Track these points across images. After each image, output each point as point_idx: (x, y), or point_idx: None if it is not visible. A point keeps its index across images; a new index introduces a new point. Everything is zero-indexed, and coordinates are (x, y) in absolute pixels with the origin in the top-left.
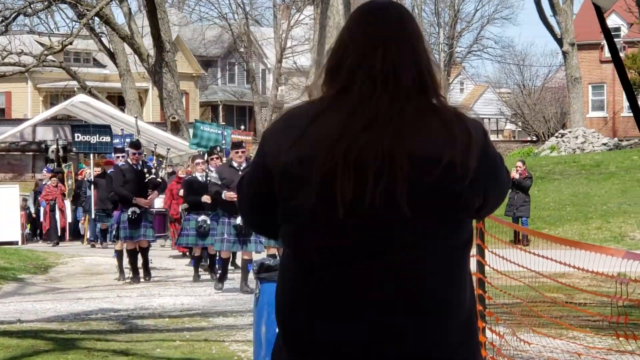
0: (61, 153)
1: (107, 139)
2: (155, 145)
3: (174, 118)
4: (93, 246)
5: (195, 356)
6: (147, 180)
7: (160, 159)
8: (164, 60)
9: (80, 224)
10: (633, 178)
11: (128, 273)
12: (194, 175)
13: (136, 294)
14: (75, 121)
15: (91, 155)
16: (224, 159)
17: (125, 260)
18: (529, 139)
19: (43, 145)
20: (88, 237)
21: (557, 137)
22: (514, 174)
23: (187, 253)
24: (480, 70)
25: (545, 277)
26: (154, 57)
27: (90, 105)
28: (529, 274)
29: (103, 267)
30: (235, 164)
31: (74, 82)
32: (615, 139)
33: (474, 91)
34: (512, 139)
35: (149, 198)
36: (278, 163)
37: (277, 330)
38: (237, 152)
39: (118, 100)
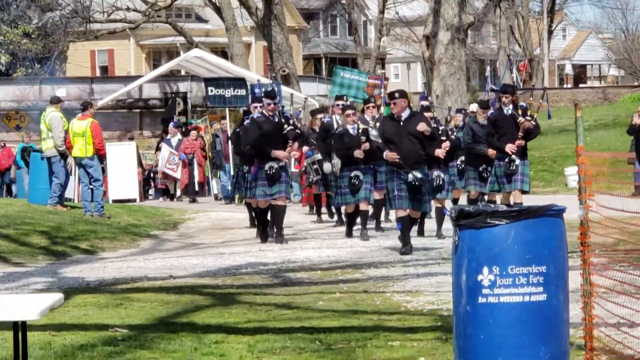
0: (181, 107)
1: (242, 92)
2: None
3: (284, 71)
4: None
5: (360, 308)
6: (285, 131)
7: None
8: (273, 13)
9: (211, 180)
10: None
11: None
12: (344, 127)
13: (278, 247)
14: (180, 77)
15: (227, 110)
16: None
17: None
18: (635, 83)
19: (154, 102)
20: (218, 193)
21: None
22: (636, 119)
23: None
24: (581, 16)
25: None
26: (263, 10)
27: (205, 60)
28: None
29: (231, 221)
30: (395, 116)
31: (177, 38)
32: None
33: (576, 37)
34: (616, 85)
35: (287, 151)
36: None
37: (478, 277)
38: (390, 104)
39: (221, 55)
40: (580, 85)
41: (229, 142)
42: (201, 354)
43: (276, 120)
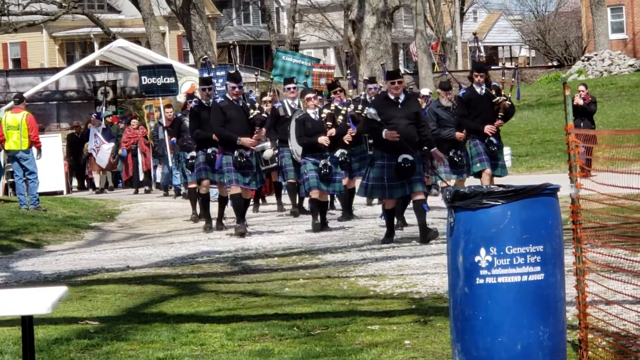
0: (110, 96)
1: (171, 80)
2: None
3: (204, 59)
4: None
5: (329, 293)
6: (251, 117)
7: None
8: (192, 1)
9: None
10: None
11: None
12: (305, 112)
13: (226, 234)
14: (97, 68)
15: (160, 99)
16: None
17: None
18: (549, 64)
19: (71, 94)
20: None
21: (583, 60)
22: (577, 100)
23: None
24: None
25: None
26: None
27: (129, 50)
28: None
29: (168, 211)
30: (392, 96)
31: (89, 30)
32: None
33: (487, 20)
34: (527, 66)
35: (254, 137)
36: None
37: (475, 259)
38: (394, 83)
39: None
40: (508, 66)
41: (166, 131)
42: (180, 343)
43: (240, 104)
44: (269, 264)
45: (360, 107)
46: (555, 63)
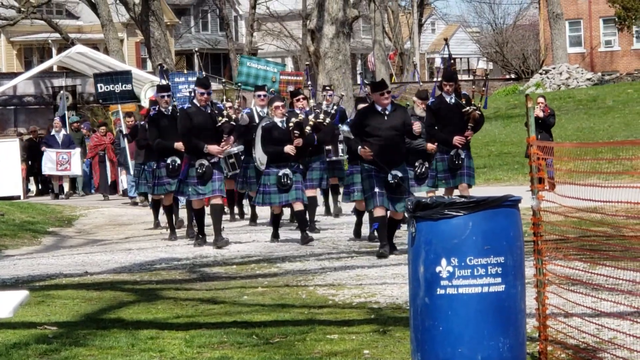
0: (70, 101)
1: (128, 86)
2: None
3: (162, 67)
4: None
5: (287, 302)
6: (219, 124)
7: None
8: (150, 8)
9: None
10: (633, 111)
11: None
12: (272, 120)
13: (184, 242)
14: (55, 74)
15: (119, 106)
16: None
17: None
18: (506, 77)
19: (29, 99)
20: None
21: (541, 73)
22: (537, 112)
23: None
24: (449, 10)
25: (581, 212)
26: (140, 6)
27: (88, 56)
28: (560, 209)
29: (126, 217)
30: (379, 108)
31: (47, 35)
32: (599, 73)
33: (445, 31)
34: (485, 78)
35: (222, 145)
36: None
37: (436, 269)
38: (383, 94)
39: None
40: (466, 78)
41: (126, 138)
42: (139, 350)
43: (208, 111)
44: (227, 271)
45: (322, 116)
46: (513, 76)
